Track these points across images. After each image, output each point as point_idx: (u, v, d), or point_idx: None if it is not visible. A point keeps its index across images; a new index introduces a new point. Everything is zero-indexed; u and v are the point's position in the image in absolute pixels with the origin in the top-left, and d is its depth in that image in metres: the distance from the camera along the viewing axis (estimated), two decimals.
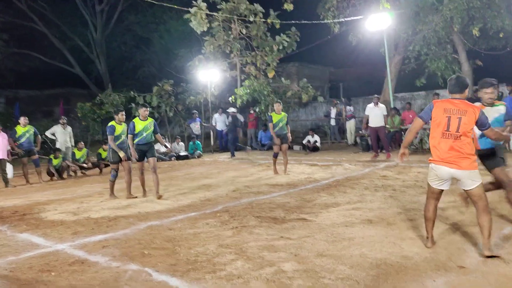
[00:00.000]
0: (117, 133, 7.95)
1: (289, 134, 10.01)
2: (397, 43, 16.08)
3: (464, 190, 4.00)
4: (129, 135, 7.78)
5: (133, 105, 15.92)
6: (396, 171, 9.38)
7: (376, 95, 12.53)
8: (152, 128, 7.86)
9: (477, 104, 6.16)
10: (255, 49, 16.28)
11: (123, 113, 8.19)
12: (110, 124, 8.03)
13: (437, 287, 3.33)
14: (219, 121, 17.25)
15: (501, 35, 14.59)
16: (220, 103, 19.05)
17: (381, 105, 11.76)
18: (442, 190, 4.12)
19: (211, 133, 18.09)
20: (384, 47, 13.94)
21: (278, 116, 9.77)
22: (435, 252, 4.11)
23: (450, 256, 3.98)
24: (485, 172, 4.94)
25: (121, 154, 7.90)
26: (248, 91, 15.50)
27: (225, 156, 14.95)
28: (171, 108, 17.33)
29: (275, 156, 10.00)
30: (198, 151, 15.73)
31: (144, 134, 7.76)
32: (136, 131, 7.73)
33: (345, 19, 15.61)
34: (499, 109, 4.82)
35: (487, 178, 5.19)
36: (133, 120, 7.83)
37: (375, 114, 11.53)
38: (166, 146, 9.13)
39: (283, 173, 9.86)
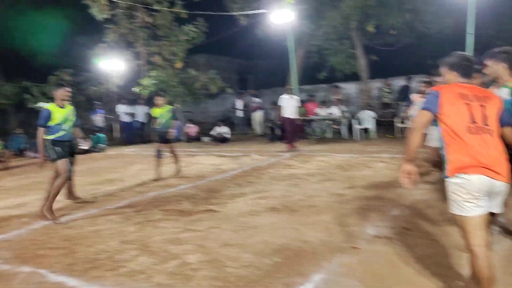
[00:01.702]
0: (56, 121, 5.73)
1: (170, 131, 8.48)
2: (301, 38, 16.69)
3: (492, 213, 2.81)
4: (40, 128, 5.69)
5: (28, 96, 14.71)
6: (300, 160, 9.78)
7: (289, 86, 12.86)
8: (74, 118, 6.04)
9: (416, 95, 6.75)
10: (161, 38, 15.86)
11: (67, 88, 5.92)
12: (45, 107, 5.80)
13: (333, 267, 3.56)
14: (127, 112, 16.60)
15: (393, 32, 15.80)
16: (125, 94, 18.31)
17: (295, 97, 12.09)
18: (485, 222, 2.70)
19: (114, 125, 17.35)
20: (288, 41, 14.39)
21: (158, 110, 8.54)
22: (332, 235, 4.38)
23: (345, 238, 4.26)
24: None
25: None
26: (155, 81, 15.08)
27: (130, 149, 14.44)
28: (71, 99, 16.27)
29: (158, 155, 8.52)
30: (102, 144, 15.00)
31: (66, 127, 5.82)
32: (54, 122, 5.70)
33: (251, 12, 15.81)
34: None
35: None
36: (47, 107, 5.76)
37: (290, 105, 11.78)
38: (86, 141, 6.90)
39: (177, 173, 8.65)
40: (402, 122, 12.54)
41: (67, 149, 5.86)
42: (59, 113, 5.75)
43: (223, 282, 3.39)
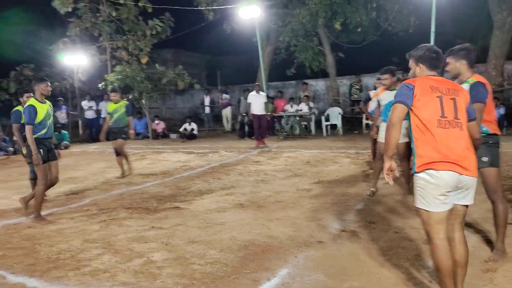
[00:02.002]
0: (40, 117, 5.24)
1: (131, 131, 8.28)
2: (269, 34, 16.73)
3: (459, 205, 2.77)
4: (27, 126, 5.16)
5: None
6: (268, 156, 9.82)
7: (257, 83, 12.90)
8: (52, 114, 5.57)
9: (373, 92, 6.76)
10: (127, 33, 15.54)
11: (49, 83, 5.47)
12: (27, 104, 5.24)
13: (298, 262, 3.58)
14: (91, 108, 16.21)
15: (359, 30, 16.06)
16: (89, 90, 17.87)
17: (262, 93, 12.11)
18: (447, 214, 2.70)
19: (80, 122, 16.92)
20: (256, 37, 14.39)
21: (113, 106, 8.12)
22: (298, 230, 4.41)
23: (311, 233, 4.30)
24: None
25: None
26: (120, 77, 14.77)
27: (95, 147, 14.10)
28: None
29: (117, 153, 8.20)
30: (65, 142, 14.58)
31: (48, 123, 5.37)
32: (38, 120, 5.21)
33: (219, 7, 15.71)
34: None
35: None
36: (29, 103, 5.23)
37: (258, 102, 11.81)
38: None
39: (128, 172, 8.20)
40: (367, 118, 12.77)
41: (47, 147, 5.40)
42: (42, 109, 5.27)
43: (189, 279, 3.36)
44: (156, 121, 16.33)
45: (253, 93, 11.92)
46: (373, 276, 3.23)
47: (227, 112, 16.86)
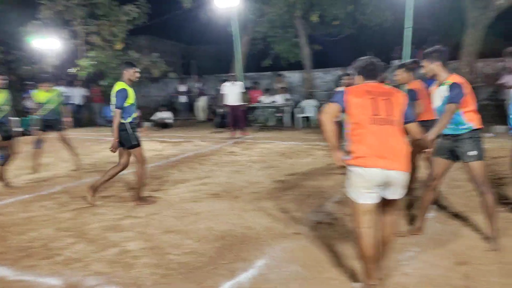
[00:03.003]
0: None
1: (68, 119, 7.74)
2: (246, 24, 16.62)
3: (389, 199, 2.96)
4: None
5: None
6: (243, 147, 9.81)
7: (232, 73, 12.81)
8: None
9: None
10: (101, 18, 15.14)
11: (136, 69, 5.30)
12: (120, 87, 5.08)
13: (275, 253, 3.61)
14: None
15: (336, 23, 16.14)
16: (62, 75, 17.35)
17: (238, 83, 12.04)
18: (374, 207, 2.91)
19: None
20: (232, 27, 14.26)
21: (45, 94, 7.29)
22: (275, 221, 4.44)
23: (287, 224, 4.33)
24: None
25: None
26: (93, 63, 14.41)
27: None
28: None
29: (37, 145, 7.50)
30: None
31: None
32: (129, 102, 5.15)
33: None
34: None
35: None
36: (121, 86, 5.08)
37: (232, 92, 11.75)
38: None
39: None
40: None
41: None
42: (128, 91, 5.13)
43: (165, 269, 3.34)
44: None
45: (228, 83, 11.87)
46: (349, 269, 3.28)
47: (201, 102, 16.72)
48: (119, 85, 5.11)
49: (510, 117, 4.33)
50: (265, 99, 14.79)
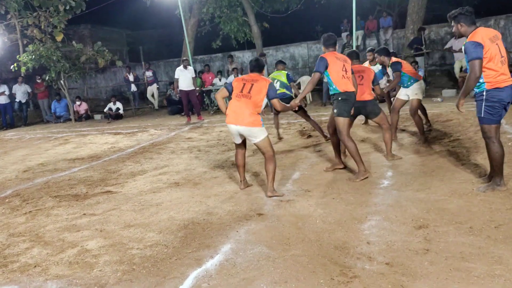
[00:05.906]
0: None
1: None
2: (192, 5, 16.23)
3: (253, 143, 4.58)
4: None
5: None
6: (200, 132, 9.67)
7: (185, 58, 12.50)
8: None
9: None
10: (37, 9, 14.31)
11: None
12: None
13: (240, 236, 3.57)
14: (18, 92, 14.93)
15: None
16: (1, 73, 16.39)
17: (190, 68, 11.77)
18: (241, 143, 4.75)
19: None
20: (179, 9, 13.89)
21: None
22: (237, 204, 4.40)
23: (250, 206, 4.31)
24: None
25: None
26: (34, 57, 13.66)
27: (11, 133, 13.07)
28: None
29: None
30: None
31: None
32: None
33: None
34: None
35: None
36: None
37: (186, 77, 11.48)
38: None
39: None
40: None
41: None
42: None
43: (129, 265, 3.23)
44: (78, 102, 15.42)
45: (180, 68, 11.59)
46: (314, 243, 3.30)
47: (152, 89, 16.29)
48: None
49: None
50: (219, 82, 14.61)
